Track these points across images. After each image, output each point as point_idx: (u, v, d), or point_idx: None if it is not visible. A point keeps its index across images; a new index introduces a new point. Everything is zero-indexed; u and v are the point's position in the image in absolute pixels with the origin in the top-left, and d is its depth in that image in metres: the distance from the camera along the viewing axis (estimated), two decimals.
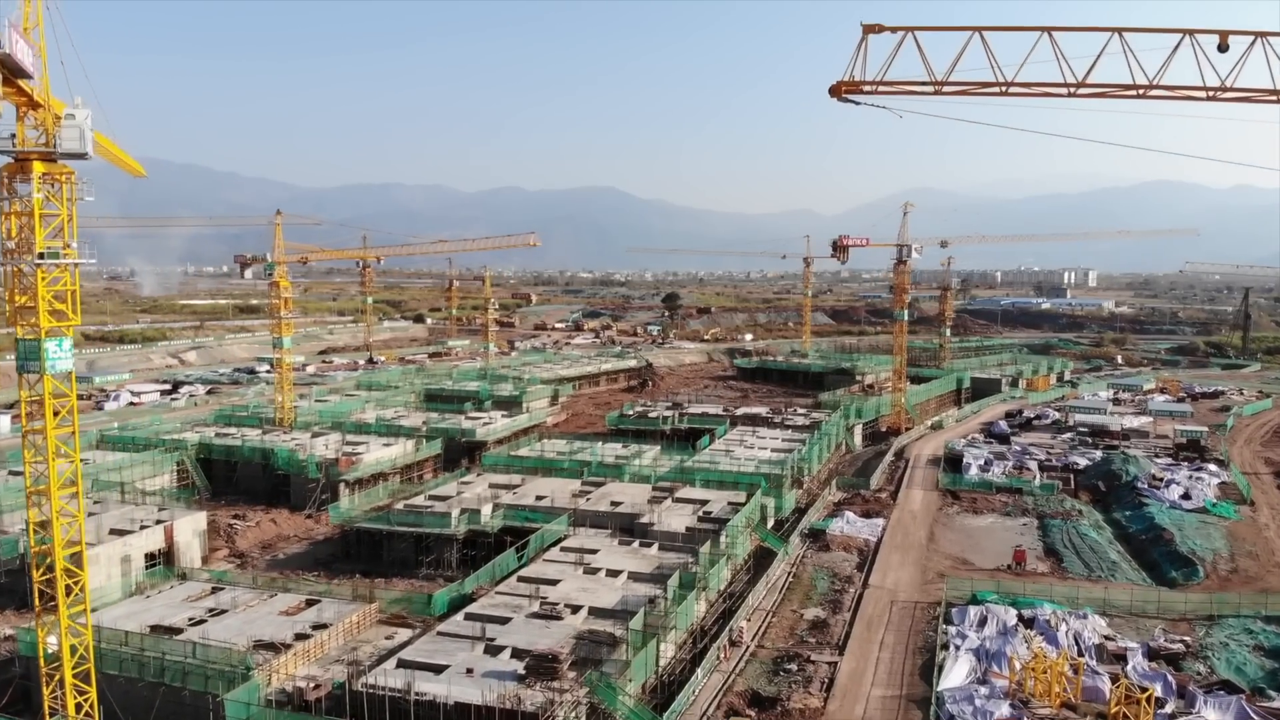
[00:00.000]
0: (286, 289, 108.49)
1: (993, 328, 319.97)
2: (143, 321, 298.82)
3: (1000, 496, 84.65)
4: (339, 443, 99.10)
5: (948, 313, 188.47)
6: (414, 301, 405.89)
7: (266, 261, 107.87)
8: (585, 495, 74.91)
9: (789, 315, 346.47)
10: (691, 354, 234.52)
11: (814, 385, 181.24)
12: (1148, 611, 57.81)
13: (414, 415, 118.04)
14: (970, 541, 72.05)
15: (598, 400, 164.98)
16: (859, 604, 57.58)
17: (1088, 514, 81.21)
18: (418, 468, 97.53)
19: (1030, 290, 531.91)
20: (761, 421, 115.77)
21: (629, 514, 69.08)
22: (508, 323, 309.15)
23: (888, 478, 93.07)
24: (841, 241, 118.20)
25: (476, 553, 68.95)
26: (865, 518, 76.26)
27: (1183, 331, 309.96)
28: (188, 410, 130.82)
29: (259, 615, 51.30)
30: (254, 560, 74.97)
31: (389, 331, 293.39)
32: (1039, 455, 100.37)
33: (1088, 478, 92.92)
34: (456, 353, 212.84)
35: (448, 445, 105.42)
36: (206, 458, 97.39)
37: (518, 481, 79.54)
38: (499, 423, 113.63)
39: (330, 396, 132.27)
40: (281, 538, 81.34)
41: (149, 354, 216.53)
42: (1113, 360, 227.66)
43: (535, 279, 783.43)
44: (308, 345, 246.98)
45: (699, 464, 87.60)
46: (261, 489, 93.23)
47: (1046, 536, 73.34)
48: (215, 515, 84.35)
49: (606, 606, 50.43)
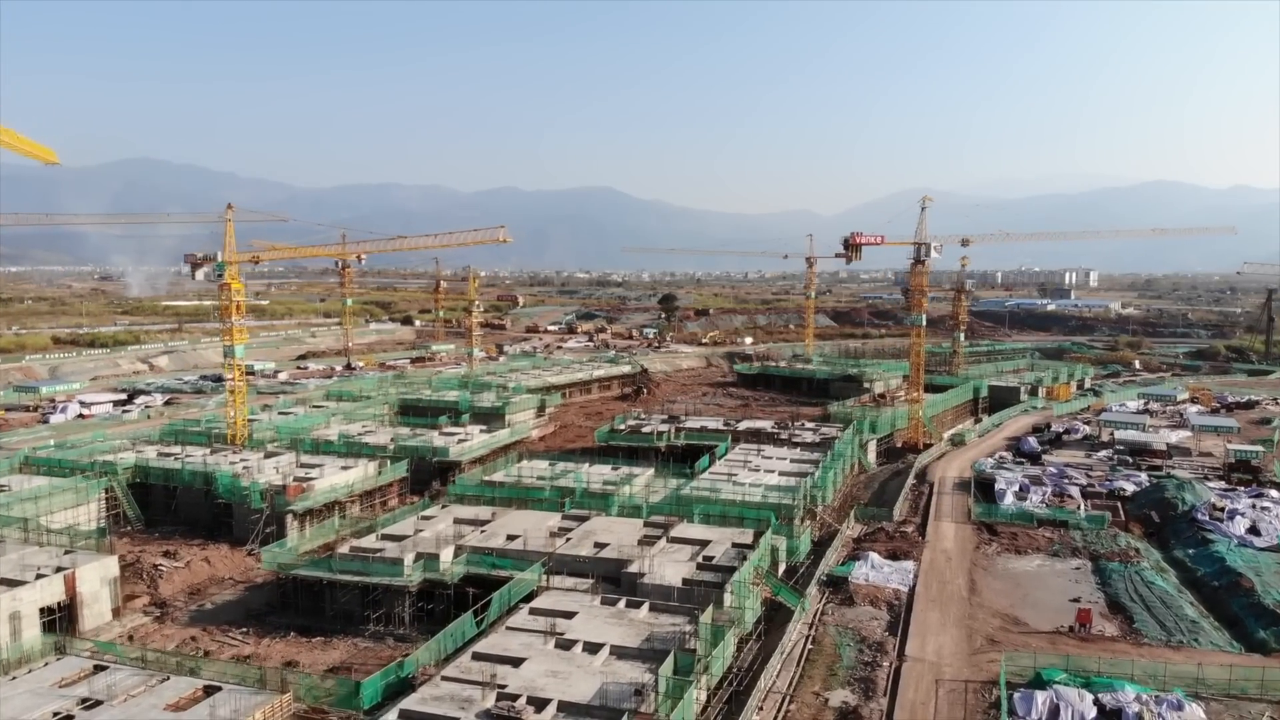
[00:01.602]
0: (239, 291, 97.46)
1: (1000, 330, 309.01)
2: (121, 324, 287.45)
3: (1043, 531, 73.76)
4: (293, 464, 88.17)
5: (962, 316, 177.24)
6: (405, 303, 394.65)
7: (217, 261, 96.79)
8: (565, 534, 63.99)
9: (789, 317, 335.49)
10: (689, 358, 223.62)
11: (819, 393, 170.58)
12: (1249, 691, 46.99)
13: (382, 431, 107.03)
14: (1019, 592, 61.15)
15: (589, 410, 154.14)
16: (896, 684, 46.63)
17: (1145, 552, 70.42)
18: (380, 494, 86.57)
19: (1034, 291, 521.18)
20: (766, 438, 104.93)
21: (615, 560, 58.18)
22: (498, 325, 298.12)
23: (912, 506, 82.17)
24: (855, 240, 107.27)
25: (434, 605, 58.24)
26: (892, 559, 65.37)
27: (1197, 334, 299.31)
28: (139, 424, 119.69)
29: (140, 710, 40.35)
30: (176, 611, 63.99)
31: (375, 334, 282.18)
32: (1078, 479, 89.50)
33: (1137, 506, 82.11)
34: (441, 358, 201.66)
35: (417, 466, 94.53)
36: (144, 482, 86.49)
37: (487, 516, 68.54)
38: (476, 439, 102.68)
39: (295, 408, 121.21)
40: (215, 580, 70.34)
41: (117, 359, 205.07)
42: (1130, 365, 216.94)
43: (532, 279, 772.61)
44: (287, 349, 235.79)
45: (697, 491, 76.74)
46: (203, 519, 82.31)
47: (1107, 585, 62.47)
48: (143, 552, 73.56)
49: (581, 701, 39.54)
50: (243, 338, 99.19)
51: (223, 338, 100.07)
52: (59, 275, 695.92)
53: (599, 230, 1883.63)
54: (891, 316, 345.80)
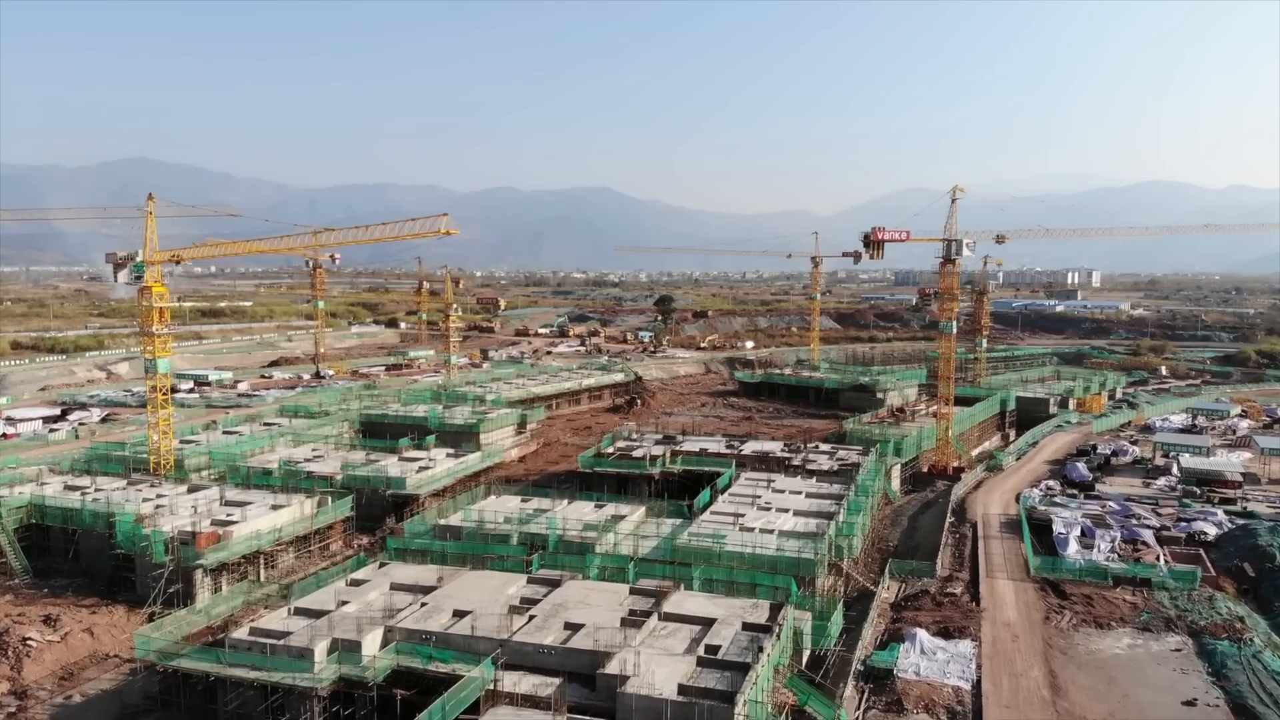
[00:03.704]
0: (161, 296, 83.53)
1: (1012, 333, 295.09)
2: (93, 326, 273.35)
3: (1122, 592, 60.01)
4: (218, 501, 74.34)
5: (984, 320, 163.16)
6: (393, 304, 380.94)
7: (135, 261, 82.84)
8: (529, 607, 50.14)
9: (791, 319, 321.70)
10: (687, 364, 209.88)
11: (828, 404, 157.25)
12: None
13: (333, 456, 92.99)
14: (1114, 690, 47.33)
15: (577, 424, 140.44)
16: None
17: (1250, 622, 56.73)
18: (319, 537, 72.81)
19: (1040, 291, 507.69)
20: (776, 464, 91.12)
21: (589, 652, 44.38)
22: (487, 328, 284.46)
23: (955, 554, 68.38)
24: (876, 235, 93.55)
25: (355, 711, 44.55)
26: (944, 637, 51.66)
27: (1218, 337, 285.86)
28: (65, 445, 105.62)
29: None
30: (35, 707, 50.22)
31: (356, 338, 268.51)
32: (1147, 518, 75.80)
33: (1225, 555, 68.47)
34: (419, 365, 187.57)
35: (368, 500, 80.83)
36: (40, 523, 72.68)
37: (433, 580, 54.52)
38: (440, 466, 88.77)
39: (242, 426, 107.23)
40: (96, 659, 56.46)
41: (74, 366, 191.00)
42: (1156, 371, 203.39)
43: (527, 279, 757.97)
44: (260, 354, 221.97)
45: (697, 539, 62.92)
46: (104, 571, 68.56)
47: (1222, 676, 48.76)
48: (19, 617, 59.70)
49: None
50: (167, 350, 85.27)
51: (143, 350, 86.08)
52: (50, 275, 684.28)
53: (596, 230, 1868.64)
54: (897, 318, 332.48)
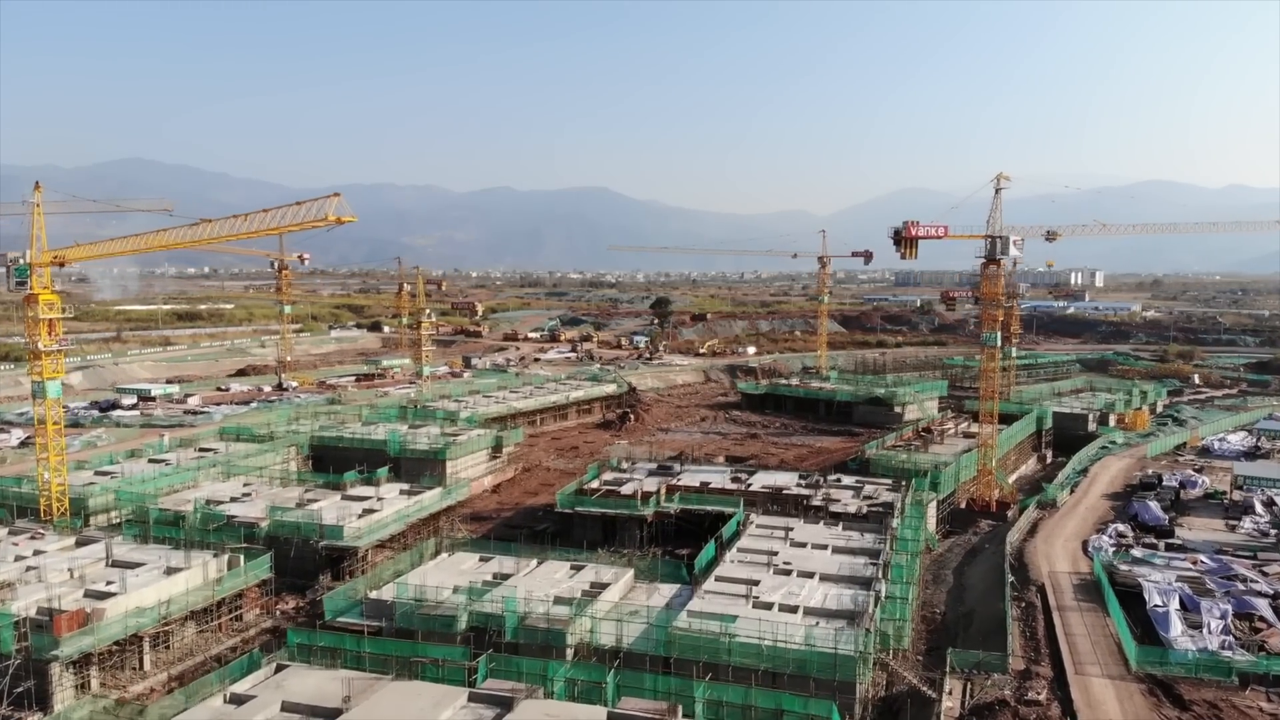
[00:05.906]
0: (51, 305, 69.07)
1: (1027, 337, 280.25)
2: None
3: (1256, 697, 45.62)
4: (103, 561, 59.84)
5: (1014, 327, 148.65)
6: (382, 307, 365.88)
7: (19, 264, 68.33)
8: None
9: (795, 323, 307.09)
10: (685, 372, 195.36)
11: (841, 418, 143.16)
12: None
13: (265, 493, 78.26)
14: None
15: (563, 443, 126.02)
16: None
17: None
18: (228, 607, 58.28)
19: (1047, 292, 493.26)
20: (791, 502, 76.76)
21: None
22: (474, 332, 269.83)
23: (1027, 634, 53.76)
24: (909, 232, 79.21)
25: None
26: None
27: (1244, 341, 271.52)
28: None
29: None
30: None
31: (335, 343, 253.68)
32: (1255, 580, 61.33)
33: None
34: (392, 374, 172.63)
35: (299, 553, 66.36)
36: None
37: (337, 700, 39.71)
38: (389, 508, 73.95)
39: (174, 453, 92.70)
40: None
41: (21, 376, 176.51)
42: (1189, 380, 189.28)
43: (523, 280, 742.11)
44: (228, 362, 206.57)
45: (699, 619, 48.45)
46: None
47: None
48: None
49: None
50: (59, 370, 70.68)
51: (29, 370, 71.54)
52: None
53: (594, 230, 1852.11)
54: (905, 321, 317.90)
